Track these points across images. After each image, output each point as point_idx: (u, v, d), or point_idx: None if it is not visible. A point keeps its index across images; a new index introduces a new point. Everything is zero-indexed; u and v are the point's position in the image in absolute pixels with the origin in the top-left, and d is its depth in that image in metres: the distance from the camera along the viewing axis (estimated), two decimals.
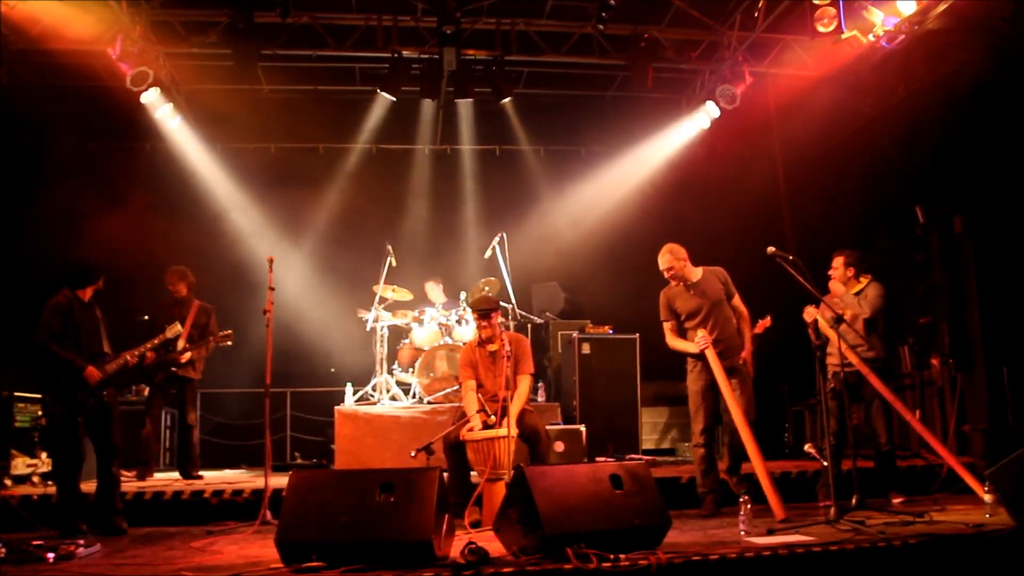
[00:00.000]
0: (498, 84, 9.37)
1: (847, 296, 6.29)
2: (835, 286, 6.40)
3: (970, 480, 5.70)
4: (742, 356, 6.05)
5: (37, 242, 9.54)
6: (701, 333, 5.97)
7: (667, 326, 6.19)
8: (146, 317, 7.88)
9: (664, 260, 6.08)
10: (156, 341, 6.23)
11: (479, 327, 6.23)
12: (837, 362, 6.01)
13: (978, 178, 8.16)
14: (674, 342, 6.15)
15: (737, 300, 6.18)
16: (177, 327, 6.44)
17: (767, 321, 7.13)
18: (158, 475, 7.90)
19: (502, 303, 8.12)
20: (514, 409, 5.79)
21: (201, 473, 7.68)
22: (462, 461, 5.85)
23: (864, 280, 6.38)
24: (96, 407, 5.69)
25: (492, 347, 6.11)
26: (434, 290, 9.18)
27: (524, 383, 6.06)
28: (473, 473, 5.95)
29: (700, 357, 5.98)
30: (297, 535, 3.98)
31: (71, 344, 5.63)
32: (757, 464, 5.61)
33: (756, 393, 6.11)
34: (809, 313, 5.96)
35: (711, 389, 6.03)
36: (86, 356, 5.65)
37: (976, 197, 8.17)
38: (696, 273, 6.13)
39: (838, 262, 6.40)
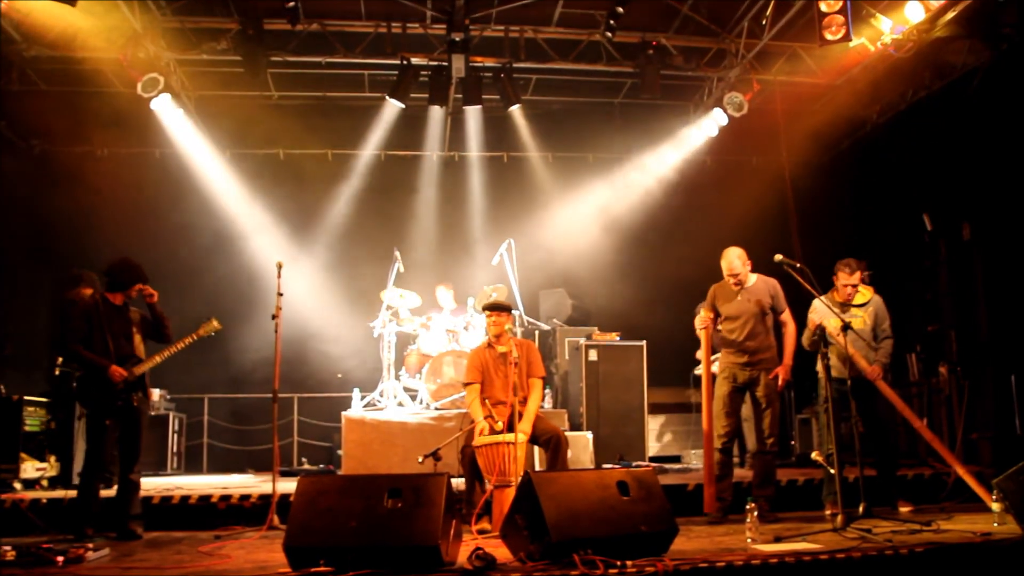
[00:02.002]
0: (506, 91, 9.42)
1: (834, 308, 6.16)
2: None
3: (978, 488, 5.67)
4: (775, 371, 6.03)
5: (47, 248, 9.64)
6: (702, 314, 6.07)
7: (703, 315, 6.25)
8: None
9: (733, 265, 6.09)
10: (188, 340, 6.01)
11: (489, 324, 6.20)
12: (843, 371, 6.00)
13: (986, 185, 8.16)
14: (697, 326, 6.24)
15: (786, 316, 6.18)
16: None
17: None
18: (159, 480, 7.92)
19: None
20: (530, 413, 5.81)
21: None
22: (477, 469, 5.79)
23: (868, 291, 6.26)
24: (126, 411, 5.65)
25: (502, 348, 6.08)
26: (445, 295, 9.19)
27: (536, 387, 6.05)
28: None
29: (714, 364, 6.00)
30: (305, 540, 3.99)
31: (99, 347, 5.60)
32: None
33: None
34: (817, 312, 5.90)
35: (736, 393, 6.07)
36: (114, 359, 5.60)
37: (984, 204, 8.17)
38: (751, 279, 6.18)
39: (857, 277, 6.15)
